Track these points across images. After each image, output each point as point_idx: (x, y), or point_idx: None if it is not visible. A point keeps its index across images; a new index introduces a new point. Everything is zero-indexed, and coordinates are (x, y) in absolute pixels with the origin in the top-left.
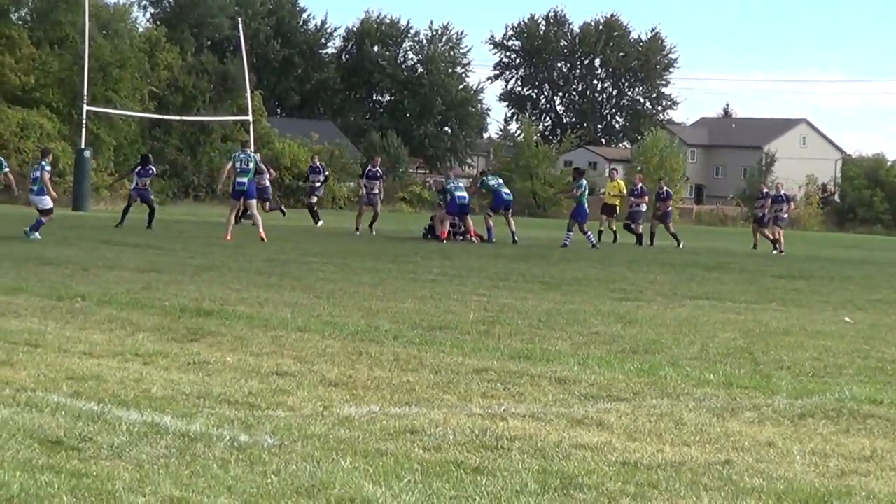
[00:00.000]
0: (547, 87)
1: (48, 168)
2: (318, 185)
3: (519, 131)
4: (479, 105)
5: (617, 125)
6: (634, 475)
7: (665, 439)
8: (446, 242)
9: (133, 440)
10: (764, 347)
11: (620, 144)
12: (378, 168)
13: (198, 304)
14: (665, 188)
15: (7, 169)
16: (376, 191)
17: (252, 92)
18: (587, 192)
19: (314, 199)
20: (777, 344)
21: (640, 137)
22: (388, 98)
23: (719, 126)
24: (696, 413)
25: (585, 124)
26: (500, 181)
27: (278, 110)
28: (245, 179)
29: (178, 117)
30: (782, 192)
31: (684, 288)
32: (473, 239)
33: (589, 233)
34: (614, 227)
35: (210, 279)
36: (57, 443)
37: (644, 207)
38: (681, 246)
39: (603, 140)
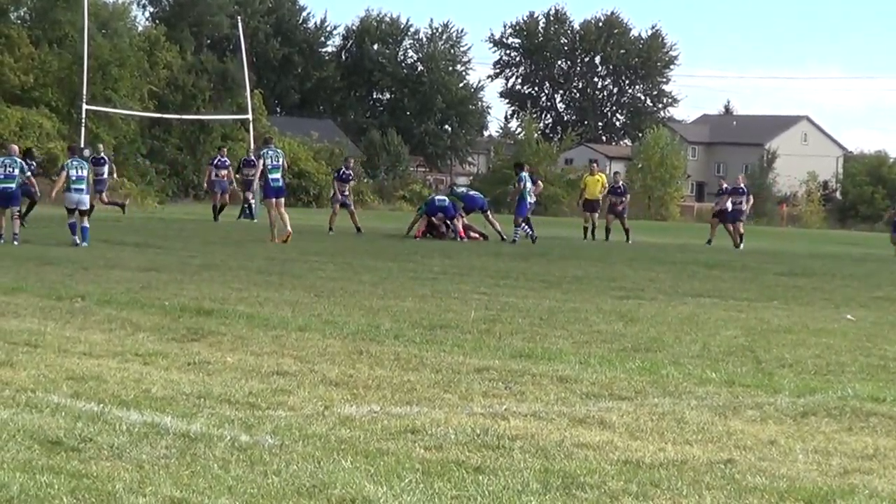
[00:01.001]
0: (547, 84)
1: (83, 166)
2: (251, 177)
3: (519, 129)
4: (480, 103)
5: (618, 123)
6: (636, 474)
7: (667, 438)
8: (418, 240)
9: (133, 441)
10: (766, 345)
11: (621, 142)
12: (350, 171)
13: (198, 303)
14: (621, 183)
15: (29, 173)
16: (347, 192)
17: (252, 91)
18: (528, 184)
19: (251, 195)
20: (779, 342)
21: (640, 135)
22: (388, 96)
23: (720, 123)
24: (698, 412)
25: (586, 122)
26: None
27: (278, 109)
28: (278, 175)
29: (177, 116)
30: (741, 184)
31: (685, 286)
32: (471, 236)
33: (524, 224)
34: (607, 224)
35: (210, 278)
36: (57, 443)
37: (624, 207)
38: (629, 242)
39: (604, 138)
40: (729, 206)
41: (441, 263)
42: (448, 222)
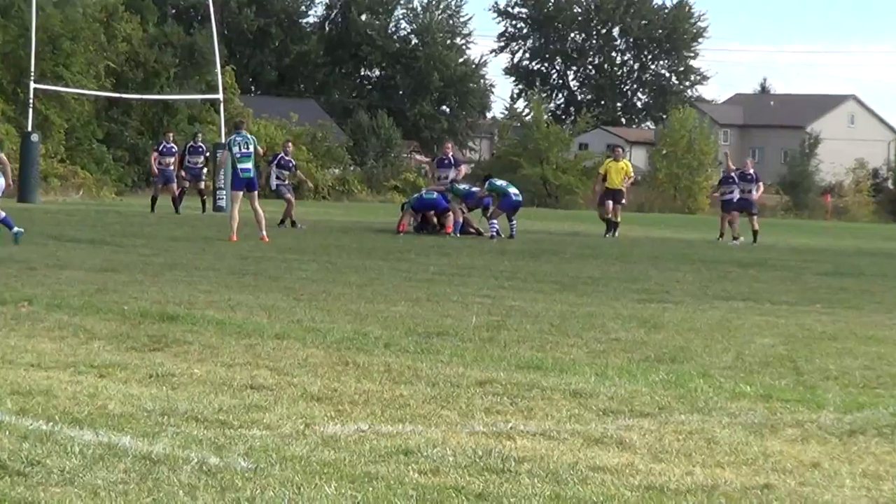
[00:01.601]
0: (559, 60)
1: None
2: (199, 166)
3: (527, 110)
4: (482, 81)
5: (639, 103)
6: (660, 501)
7: (695, 460)
8: (402, 235)
9: (87, 463)
10: (808, 355)
11: (643, 125)
12: (290, 157)
13: (161, 307)
14: (755, 171)
15: None
16: (287, 182)
17: (223, 67)
18: (504, 184)
19: (202, 185)
20: (823, 351)
21: (665, 117)
22: (377, 73)
23: (756, 104)
24: (731, 430)
25: (603, 102)
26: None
27: (253, 88)
28: (249, 165)
29: (138, 96)
30: (750, 170)
31: (716, 287)
32: (467, 231)
33: (493, 221)
34: (618, 218)
35: (175, 279)
36: (0, 467)
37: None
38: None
39: (623, 120)
40: (736, 195)
41: (438, 262)
42: (439, 217)
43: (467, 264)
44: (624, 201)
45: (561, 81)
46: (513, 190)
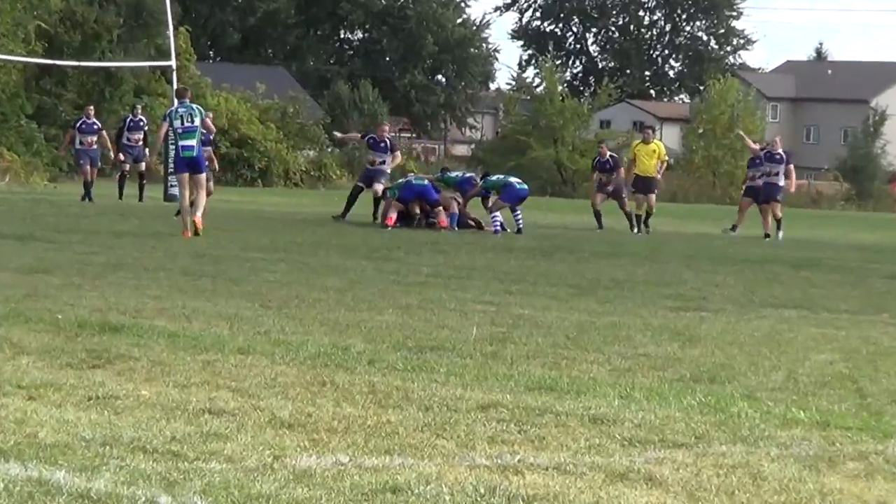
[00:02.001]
0: (576, 20)
1: None
2: (140, 144)
3: (538, 81)
4: (484, 46)
5: (671, 72)
6: None
7: (739, 499)
8: (390, 229)
9: (14, 503)
10: (872, 374)
11: (676, 98)
12: (142, 117)
13: (102, 316)
14: (609, 154)
15: None
16: (140, 143)
17: (176, 28)
18: (502, 177)
19: (143, 168)
20: (891, 369)
21: (702, 88)
22: (359, 36)
23: (810, 73)
24: (781, 464)
25: (628, 71)
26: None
27: (211, 53)
28: (193, 142)
29: (75, 63)
30: (778, 149)
31: (764, 293)
32: (466, 223)
33: (496, 214)
34: (650, 209)
35: (119, 282)
36: None
37: (618, 185)
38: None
39: (652, 92)
40: (760, 180)
41: (432, 262)
42: (429, 208)
43: (467, 264)
44: (657, 190)
45: (578, 46)
46: (514, 179)
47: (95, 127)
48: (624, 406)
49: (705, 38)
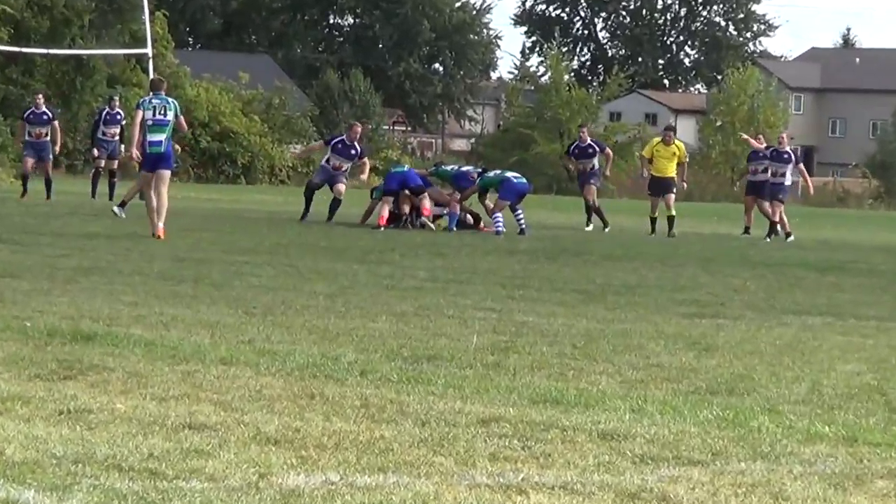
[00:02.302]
0: (584, 4)
1: None
2: (116, 139)
3: (543, 70)
4: (485, 31)
5: (687, 60)
6: None
7: None
8: (383, 229)
9: None
10: None
11: (691, 88)
12: (119, 110)
13: (73, 324)
14: (589, 141)
15: None
16: (114, 137)
17: (152, 13)
18: (499, 172)
19: (116, 164)
20: None
21: (720, 78)
22: (350, 21)
23: (837, 61)
24: (805, 482)
25: (640, 59)
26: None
27: (191, 40)
28: (161, 137)
29: (42, 50)
30: (786, 146)
31: (786, 298)
32: (431, 224)
33: (497, 214)
34: (673, 213)
35: (92, 288)
36: None
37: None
38: (589, 228)
39: (666, 82)
40: (765, 176)
41: (429, 266)
42: (415, 199)
43: (466, 268)
44: (675, 190)
45: (586, 32)
46: (511, 174)
47: (46, 117)
48: (635, 420)
49: (723, 23)
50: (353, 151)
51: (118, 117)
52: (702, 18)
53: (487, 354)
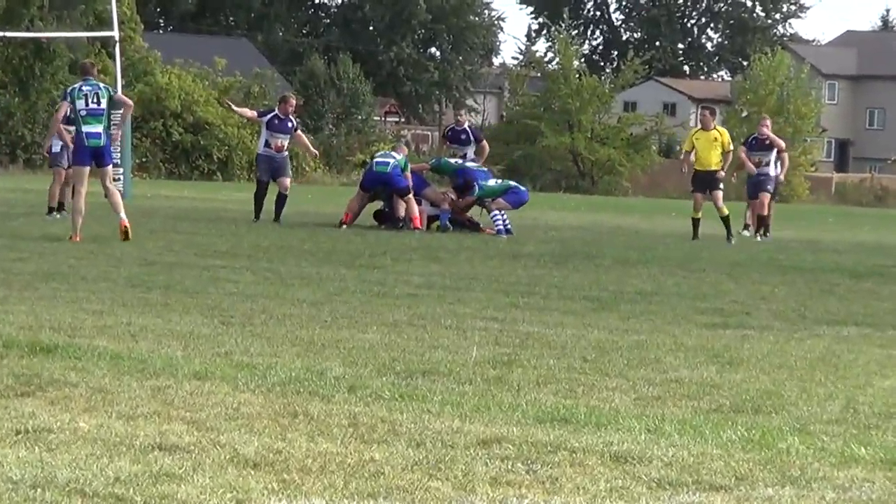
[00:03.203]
0: None
1: None
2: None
3: (550, 54)
4: (487, 13)
5: (709, 44)
6: None
7: None
8: (344, 227)
9: None
10: None
11: (714, 75)
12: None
13: (32, 335)
14: (468, 125)
15: None
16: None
17: None
18: (501, 182)
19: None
20: None
21: (746, 64)
22: (338, 1)
23: (875, 45)
24: None
25: (657, 43)
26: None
27: (162, 21)
28: (98, 129)
29: None
30: (766, 133)
31: (818, 307)
32: (417, 227)
33: (499, 213)
34: (725, 212)
35: (52, 295)
36: None
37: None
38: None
39: (686, 68)
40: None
41: (425, 271)
42: (393, 200)
43: (466, 274)
44: (722, 186)
45: (598, 13)
46: (513, 183)
47: None
48: (652, 441)
49: (750, 3)
50: (289, 125)
51: None
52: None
53: (489, 368)
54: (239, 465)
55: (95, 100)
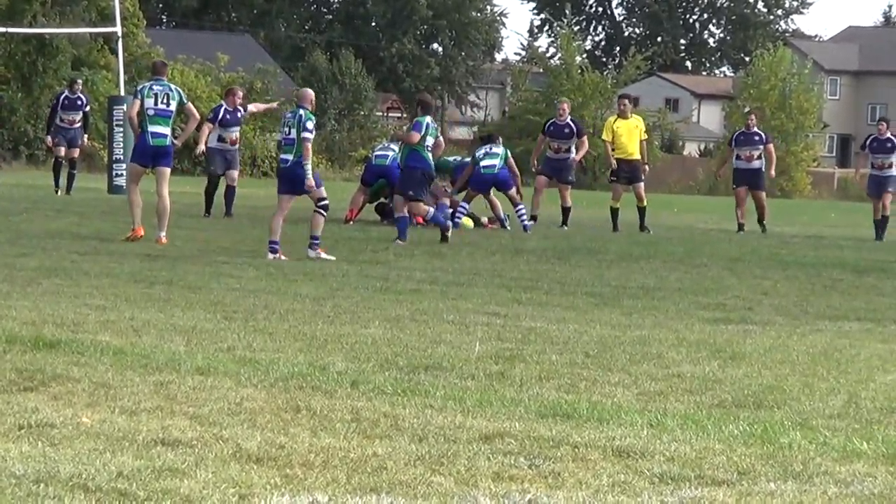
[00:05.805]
0: None
1: None
2: (76, 126)
3: (553, 50)
4: (489, 8)
5: (711, 40)
6: None
7: None
8: (351, 223)
9: None
10: None
11: (716, 71)
12: (83, 96)
13: (35, 330)
14: (574, 120)
15: None
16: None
17: None
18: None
19: (76, 154)
20: None
21: (748, 60)
22: None
23: (877, 41)
24: None
25: (659, 38)
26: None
27: (164, 18)
28: (165, 129)
29: (1, 28)
30: (754, 128)
31: (820, 302)
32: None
33: (520, 207)
34: (644, 203)
35: (55, 290)
36: None
37: (573, 156)
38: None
39: (688, 64)
40: (756, 162)
41: (427, 266)
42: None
43: (468, 269)
44: (644, 178)
45: (600, 9)
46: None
47: None
48: (654, 436)
49: (752, 0)
50: (239, 115)
51: (79, 103)
52: None
53: (491, 363)
54: (242, 459)
55: (165, 101)
